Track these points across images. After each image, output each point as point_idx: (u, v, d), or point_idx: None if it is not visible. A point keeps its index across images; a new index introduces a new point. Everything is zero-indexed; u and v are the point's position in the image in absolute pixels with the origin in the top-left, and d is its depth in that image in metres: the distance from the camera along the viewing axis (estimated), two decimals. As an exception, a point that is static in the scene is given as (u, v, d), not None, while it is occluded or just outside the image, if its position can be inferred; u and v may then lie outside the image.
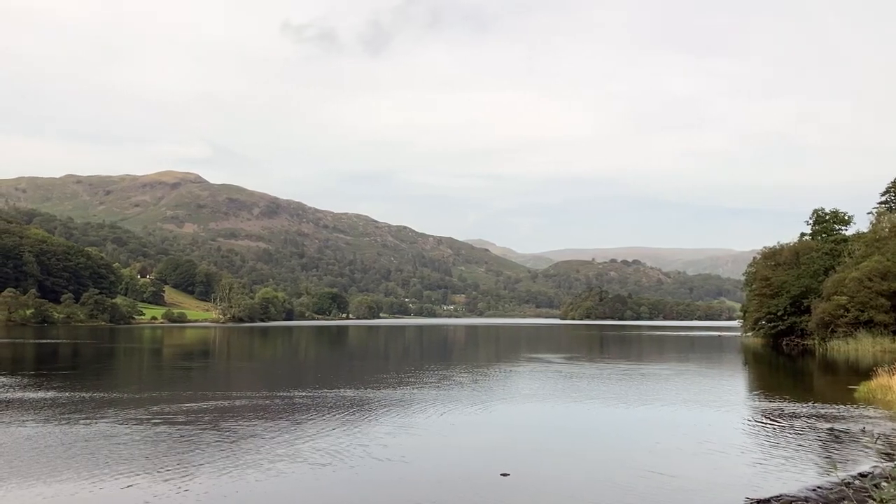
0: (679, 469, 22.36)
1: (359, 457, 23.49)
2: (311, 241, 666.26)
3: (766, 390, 45.94)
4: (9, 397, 37.35)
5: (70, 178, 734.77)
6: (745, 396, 43.38)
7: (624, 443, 27.18)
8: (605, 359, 77.17)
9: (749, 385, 52.42)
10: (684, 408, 36.51)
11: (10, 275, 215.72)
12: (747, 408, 36.98)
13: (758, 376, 62.04)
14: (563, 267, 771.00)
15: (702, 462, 23.59)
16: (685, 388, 46.11)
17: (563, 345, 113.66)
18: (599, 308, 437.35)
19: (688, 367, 65.50)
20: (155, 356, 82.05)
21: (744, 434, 28.97)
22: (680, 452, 24.98)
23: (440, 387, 44.65)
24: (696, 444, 26.38)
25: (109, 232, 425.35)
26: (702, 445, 26.26)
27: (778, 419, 32.44)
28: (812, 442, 26.96)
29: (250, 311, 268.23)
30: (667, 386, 47.42)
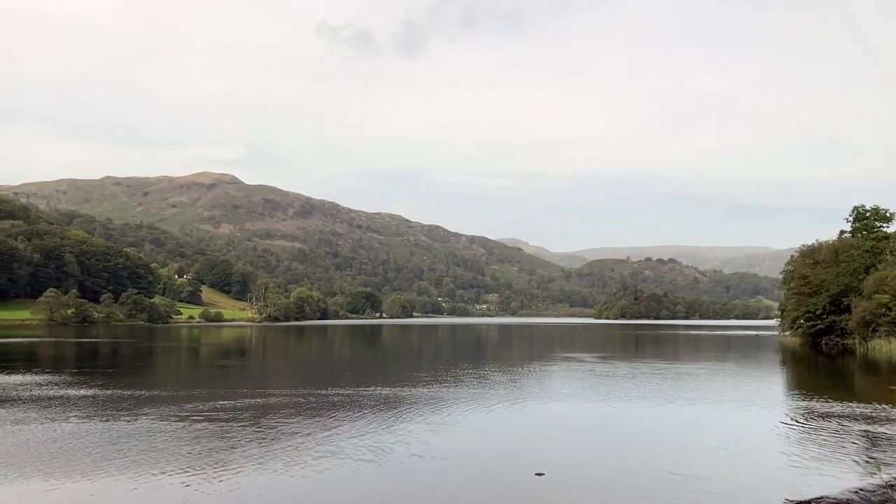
0: (716, 470, 22.19)
1: (401, 454, 23.80)
2: (345, 240, 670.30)
3: (805, 390, 45.24)
4: (52, 394, 38.23)
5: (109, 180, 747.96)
6: (783, 396, 42.79)
7: (659, 443, 26.99)
8: (639, 358, 76.59)
9: (787, 385, 51.68)
10: (721, 408, 36.15)
11: (52, 275, 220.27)
12: (785, 408, 36.48)
13: (796, 376, 61.12)
14: (597, 266, 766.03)
15: (739, 463, 23.36)
16: (721, 388, 45.59)
17: (598, 344, 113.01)
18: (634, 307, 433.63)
19: (724, 367, 64.75)
20: (193, 355, 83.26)
21: (782, 434, 28.59)
22: (716, 453, 24.76)
23: (474, 385, 44.72)
24: (733, 445, 26.12)
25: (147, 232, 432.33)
26: (739, 446, 26.00)
27: (817, 419, 31.98)
28: (852, 443, 26.53)
29: (286, 311, 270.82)
30: (703, 385, 46.94)
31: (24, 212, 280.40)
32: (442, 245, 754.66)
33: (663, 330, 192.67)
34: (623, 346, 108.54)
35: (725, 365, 67.68)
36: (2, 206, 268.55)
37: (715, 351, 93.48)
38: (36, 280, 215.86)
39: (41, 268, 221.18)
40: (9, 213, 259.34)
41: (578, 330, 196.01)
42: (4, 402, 35.22)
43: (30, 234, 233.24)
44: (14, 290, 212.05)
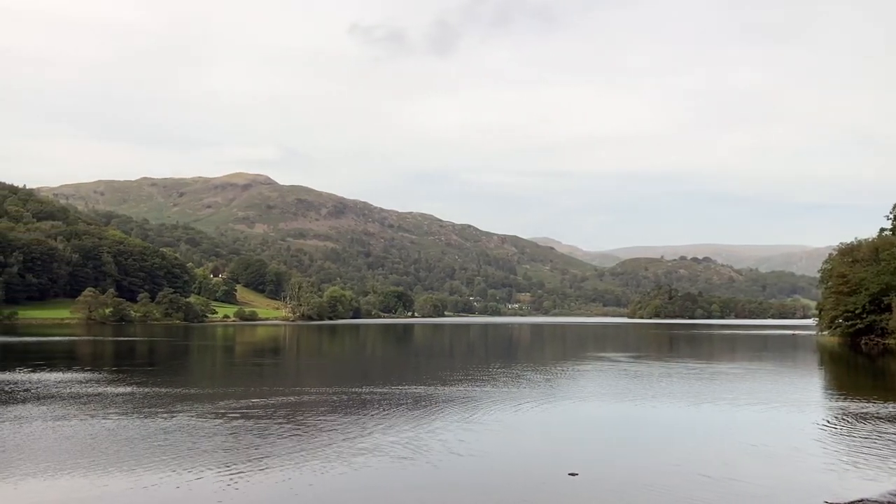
0: (751, 472, 21.94)
1: (439, 451, 24.02)
2: (377, 240, 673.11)
3: (844, 391, 44.53)
4: (91, 392, 38.99)
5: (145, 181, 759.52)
6: (821, 397, 42.17)
7: (693, 444, 26.79)
8: (674, 358, 75.94)
9: (825, 385, 50.91)
10: (756, 408, 35.71)
11: (91, 275, 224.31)
12: (823, 409, 35.96)
13: (834, 376, 60.17)
14: (631, 265, 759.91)
15: (775, 465, 23.09)
16: (757, 388, 45.02)
17: (631, 344, 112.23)
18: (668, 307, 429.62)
19: (760, 367, 63.95)
20: (228, 353, 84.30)
21: (820, 436, 28.19)
22: (752, 455, 24.47)
23: (507, 385, 44.72)
24: (769, 446, 25.82)
25: (183, 233, 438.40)
26: (775, 447, 25.71)
27: (855, 421, 31.48)
28: (893, 445, 26.07)
29: (319, 310, 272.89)
30: (738, 386, 46.41)
31: (63, 213, 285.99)
32: (473, 244, 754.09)
33: (698, 329, 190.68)
34: (657, 345, 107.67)
35: (761, 365, 66.84)
36: (42, 207, 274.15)
37: (751, 351, 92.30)
38: (75, 280, 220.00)
39: (80, 268, 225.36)
40: (48, 214, 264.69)
41: (611, 329, 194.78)
42: (46, 398, 36.01)
43: (69, 234, 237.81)
44: (54, 290, 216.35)
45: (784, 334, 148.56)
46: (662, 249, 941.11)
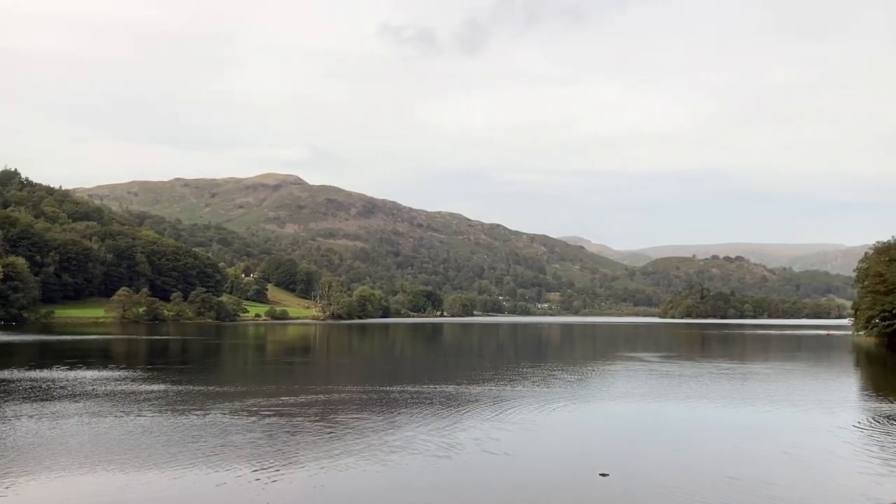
0: (783, 475, 21.69)
1: (473, 450, 24.18)
2: (406, 239, 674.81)
3: (880, 392, 43.78)
4: (126, 389, 39.64)
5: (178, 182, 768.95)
6: (857, 398, 41.49)
7: (724, 445, 26.52)
8: (705, 358, 75.22)
9: (861, 386, 50.08)
10: (789, 409, 35.27)
11: (125, 274, 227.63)
12: (858, 410, 35.39)
13: (870, 377, 59.17)
14: (662, 264, 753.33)
15: (808, 468, 22.81)
16: (791, 389, 44.43)
17: (662, 344, 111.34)
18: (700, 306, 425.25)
19: (794, 367, 63.09)
20: (259, 352, 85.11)
21: (854, 438, 27.77)
22: (784, 457, 24.17)
23: (537, 384, 44.65)
24: (802, 448, 25.50)
25: (215, 233, 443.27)
26: (808, 449, 25.39)
27: (892, 423, 30.96)
28: (930, 446, 25.61)
29: (349, 309, 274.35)
30: (771, 386, 45.86)
31: (98, 213, 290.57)
32: (502, 244, 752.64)
33: (730, 329, 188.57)
34: (689, 345, 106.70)
35: (795, 365, 65.94)
36: (77, 207, 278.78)
37: (784, 351, 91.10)
38: (109, 279, 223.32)
39: (114, 267, 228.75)
40: (83, 215, 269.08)
41: (642, 329, 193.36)
42: (81, 396, 36.67)
43: (103, 234, 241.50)
44: (89, 289, 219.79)
45: (819, 334, 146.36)
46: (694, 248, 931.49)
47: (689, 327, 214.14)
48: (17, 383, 42.08)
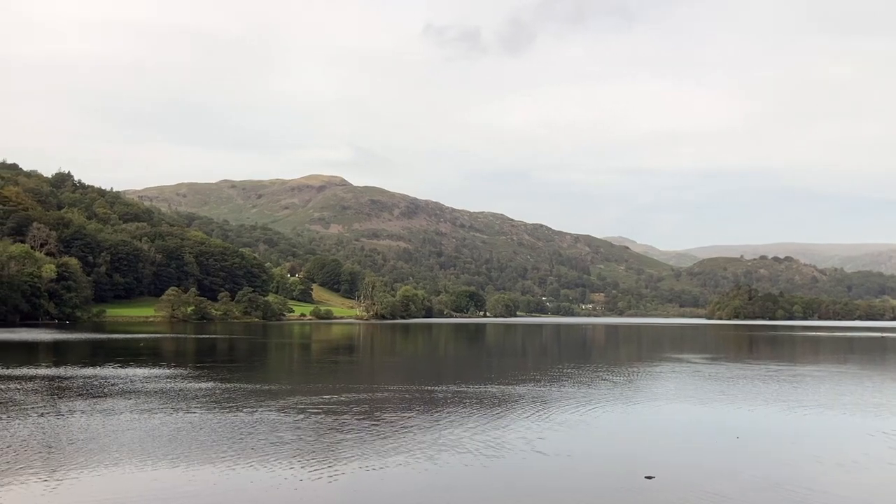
0: (831, 481, 21.21)
1: (522, 450, 24.23)
2: (449, 240, 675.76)
3: (937, 396, 42.48)
4: (176, 387, 40.42)
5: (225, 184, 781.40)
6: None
7: (773, 449, 26.02)
8: (753, 360, 73.87)
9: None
10: (841, 413, 34.48)
11: (174, 274, 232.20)
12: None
13: (927, 381, 57.41)
14: (709, 264, 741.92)
15: (862, 475, 22.26)
16: (841, 392, 43.38)
17: (709, 345, 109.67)
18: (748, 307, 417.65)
19: (845, 370, 61.59)
20: (305, 351, 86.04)
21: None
22: (832, 462, 23.67)
23: (582, 385, 44.37)
24: (851, 455, 24.89)
25: (261, 233, 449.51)
26: (862, 456, 24.80)
27: (950, 427, 30.04)
28: None
29: (392, 309, 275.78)
30: (820, 389, 44.85)
31: (148, 214, 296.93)
32: (546, 244, 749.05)
33: (779, 331, 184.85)
34: (736, 347, 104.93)
35: (847, 368, 64.38)
36: (128, 209, 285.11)
37: (835, 353, 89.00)
38: (159, 279, 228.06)
39: (163, 267, 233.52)
40: (134, 216, 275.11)
41: (689, 330, 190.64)
42: (132, 393, 37.51)
43: (153, 235, 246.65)
44: (139, 289, 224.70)
45: (871, 336, 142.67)
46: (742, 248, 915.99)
47: (736, 329, 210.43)
48: (70, 380, 43.22)
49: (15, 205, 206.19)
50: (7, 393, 36.55)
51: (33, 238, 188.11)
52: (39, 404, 32.78)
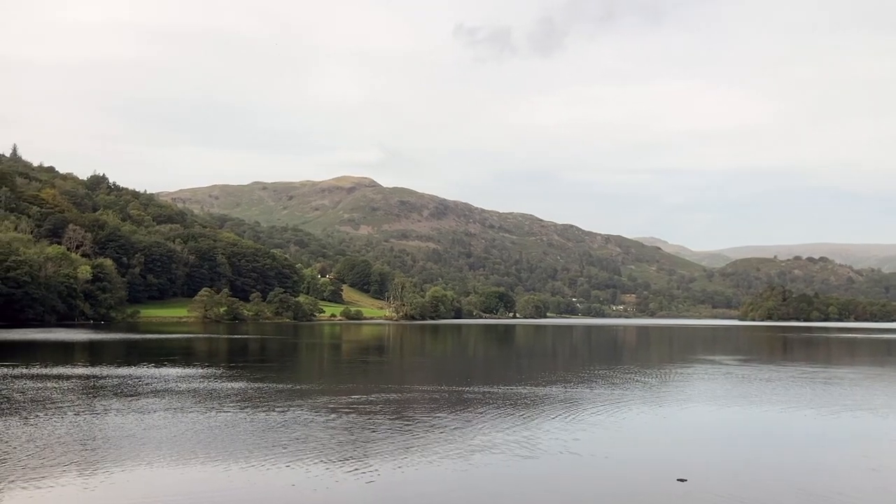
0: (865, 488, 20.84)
1: (556, 451, 24.19)
2: (478, 240, 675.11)
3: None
4: (208, 386, 40.86)
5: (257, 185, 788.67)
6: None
7: (806, 454, 25.67)
8: (787, 361, 72.84)
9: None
10: (877, 417, 33.85)
11: (206, 275, 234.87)
12: (955, 418, 33.68)
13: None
14: (742, 265, 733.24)
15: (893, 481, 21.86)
16: (879, 396, 42.61)
17: (742, 347, 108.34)
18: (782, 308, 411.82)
19: (883, 372, 60.49)
20: (335, 351, 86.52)
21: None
22: (867, 468, 23.22)
23: (613, 386, 44.08)
24: (891, 460, 24.48)
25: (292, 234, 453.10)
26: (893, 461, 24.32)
27: None
28: None
29: (421, 309, 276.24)
30: (856, 392, 44.06)
31: (181, 216, 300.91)
32: (576, 244, 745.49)
33: (814, 332, 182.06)
34: (769, 348, 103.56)
35: (884, 370, 63.23)
36: (161, 211, 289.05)
37: (872, 355, 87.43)
38: (191, 280, 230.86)
39: (196, 268, 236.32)
40: (167, 218, 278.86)
41: (721, 332, 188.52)
42: (166, 392, 37.99)
43: (186, 236, 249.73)
44: (172, 290, 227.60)
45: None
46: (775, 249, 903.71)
47: (769, 330, 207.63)
48: (105, 379, 43.91)
49: (51, 207, 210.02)
50: (44, 392, 37.24)
51: (69, 240, 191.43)
52: (76, 403, 33.34)
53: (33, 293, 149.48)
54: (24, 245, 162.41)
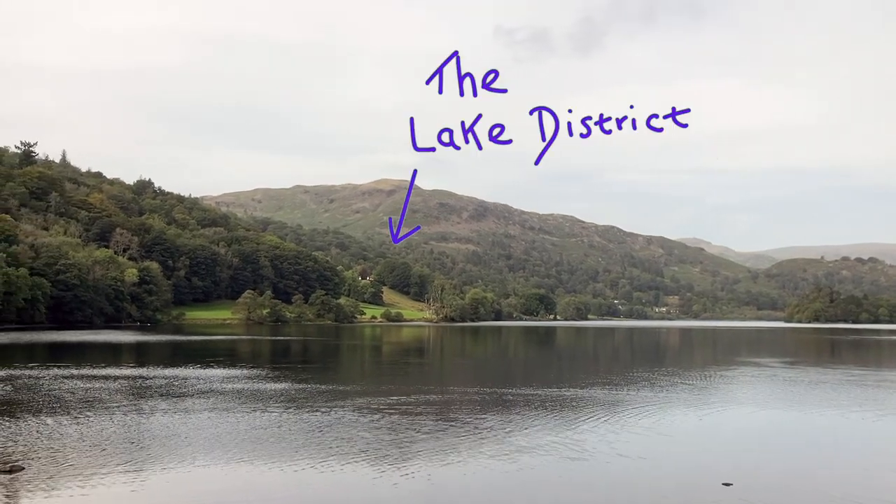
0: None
1: (605, 453, 24.08)
2: (518, 242, 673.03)
3: None
4: (253, 387, 41.38)
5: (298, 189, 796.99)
6: None
7: (856, 458, 25.09)
8: (834, 364, 71.28)
9: None
10: (933, 420, 32.93)
11: (249, 278, 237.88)
12: None
13: None
14: (788, 266, 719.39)
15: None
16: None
17: (788, 349, 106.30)
18: (830, 310, 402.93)
19: (937, 376, 58.80)
20: (376, 353, 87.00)
21: None
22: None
23: (656, 389, 43.59)
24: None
25: (333, 237, 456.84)
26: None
27: None
28: None
29: (461, 311, 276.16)
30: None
31: (225, 220, 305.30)
32: (617, 246, 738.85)
33: (863, 334, 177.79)
34: (816, 351, 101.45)
35: (938, 374, 61.45)
36: (205, 214, 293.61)
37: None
38: (235, 282, 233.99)
39: (240, 271, 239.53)
40: (211, 221, 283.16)
41: (766, 334, 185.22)
42: (211, 393, 38.57)
43: (230, 240, 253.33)
44: (217, 292, 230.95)
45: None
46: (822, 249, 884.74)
47: (817, 332, 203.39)
48: (152, 380, 44.75)
49: (99, 211, 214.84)
50: (94, 392, 38.10)
51: (116, 243, 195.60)
52: (124, 403, 34.05)
53: (82, 296, 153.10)
54: (73, 249, 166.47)
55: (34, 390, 38.32)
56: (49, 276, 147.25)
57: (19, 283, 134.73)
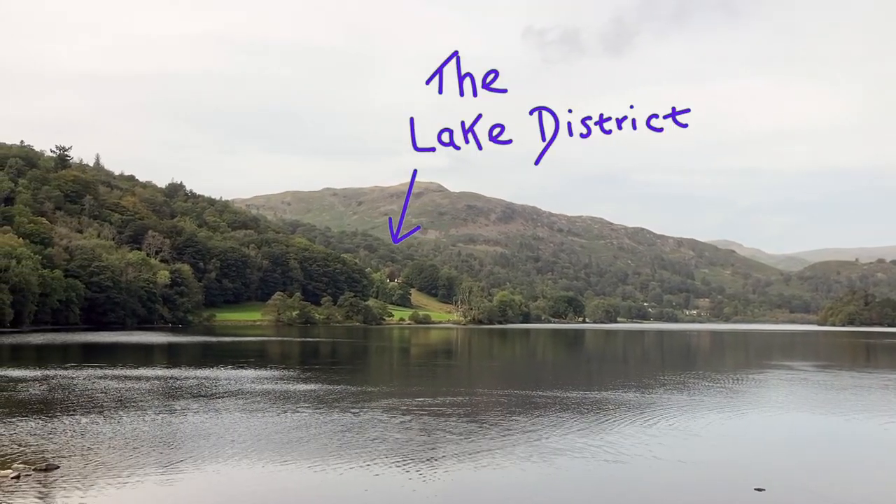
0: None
1: (636, 456, 23.96)
2: (546, 244, 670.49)
3: None
4: (283, 388, 41.67)
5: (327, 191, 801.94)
6: None
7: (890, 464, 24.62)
8: (869, 368, 70.06)
9: None
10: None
11: (279, 280, 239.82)
12: None
13: None
14: (821, 268, 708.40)
15: None
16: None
17: (822, 353, 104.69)
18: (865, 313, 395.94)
19: (976, 381, 57.51)
20: (404, 354, 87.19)
21: None
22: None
23: (688, 392, 43.16)
24: None
25: (362, 239, 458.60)
26: None
27: None
28: None
29: (489, 314, 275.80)
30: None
31: (255, 222, 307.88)
32: (647, 248, 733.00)
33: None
34: (851, 355, 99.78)
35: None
36: (236, 217, 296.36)
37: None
38: (265, 284, 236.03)
39: (269, 273, 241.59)
40: (242, 224, 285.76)
41: (799, 337, 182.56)
42: (242, 394, 38.90)
43: (260, 242, 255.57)
44: (247, 294, 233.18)
45: None
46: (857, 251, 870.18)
47: (851, 335, 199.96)
48: (184, 380, 45.25)
49: (132, 214, 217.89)
50: (126, 392, 38.61)
51: (149, 245, 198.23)
52: (156, 403, 34.47)
53: (115, 297, 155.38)
54: (107, 251, 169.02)
55: (69, 390, 38.95)
56: (83, 278, 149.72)
57: (54, 284, 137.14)
